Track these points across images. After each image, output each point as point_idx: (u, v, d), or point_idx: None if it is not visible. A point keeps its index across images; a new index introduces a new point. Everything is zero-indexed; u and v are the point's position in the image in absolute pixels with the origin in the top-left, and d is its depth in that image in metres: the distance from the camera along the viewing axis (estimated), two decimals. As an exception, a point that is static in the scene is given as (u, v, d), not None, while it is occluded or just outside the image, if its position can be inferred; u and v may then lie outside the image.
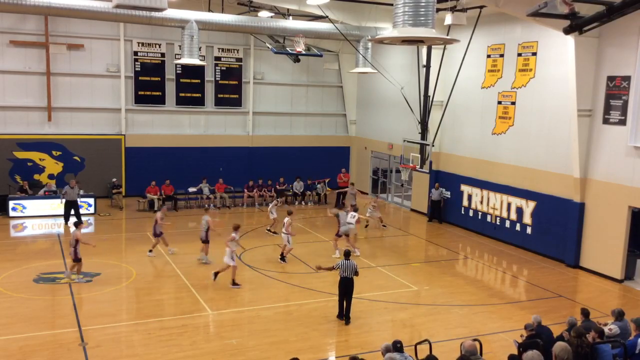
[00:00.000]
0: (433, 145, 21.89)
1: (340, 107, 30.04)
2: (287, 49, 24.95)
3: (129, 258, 17.64)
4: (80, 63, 24.65)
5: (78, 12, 18.98)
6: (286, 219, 17.32)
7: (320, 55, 25.61)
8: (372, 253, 18.98)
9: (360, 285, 14.76)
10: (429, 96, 21.94)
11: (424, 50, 22.40)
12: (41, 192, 22.92)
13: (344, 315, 13.03)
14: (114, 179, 24.81)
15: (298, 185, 26.65)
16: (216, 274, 15.36)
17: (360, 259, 17.73)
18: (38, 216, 21.88)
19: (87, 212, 22.61)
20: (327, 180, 27.32)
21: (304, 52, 24.73)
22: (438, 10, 16.09)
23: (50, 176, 24.42)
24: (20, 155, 24.00)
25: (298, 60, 27.32)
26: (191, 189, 25.08)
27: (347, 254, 13.26)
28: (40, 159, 24.38)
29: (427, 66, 22.21)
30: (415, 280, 16.15)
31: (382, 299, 14.60)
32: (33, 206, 22.03)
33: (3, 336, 11.78)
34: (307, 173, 26.88)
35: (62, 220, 21.45)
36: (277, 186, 26.46)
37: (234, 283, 15.07)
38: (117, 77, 25.37)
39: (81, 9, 18.36)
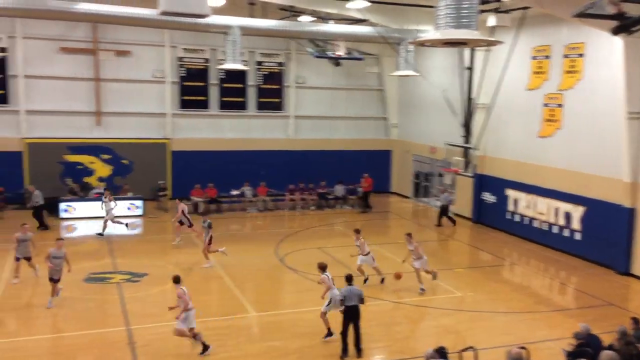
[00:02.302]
0: (477, 149, 21.58)
1: (381, 110, 29.94)
2: (328, 53, 25.05)
3: (175, 259, 17.97)
4: (127, 69, 25.30)
5: (125, 19, 19.55)
6: (358, 240, 15.83)
7: (361, 59, 25.62)
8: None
9: (403, 290, 14.71)
10: (472, 98, 21.66)
11: (466, 52, 22.14)
12: (91, 194, 23.59)
13: (356, 347, 11.41)
14: (161, 182, 25.34)
15: (339, 189, 26.66)
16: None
17: (397, 262, 17.60)
18: (88, 218, 22.51)
19: (135, 213, 23.15)
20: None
21: (344, 56, 24.81)
22: (481, 11, 15.90)
23: (100, 179, 25.11)
24: (71, 158, 24.77)
25: (339, 64, 27.37)
26: (234, 192, 25.42)
27: (349, 279, 11.71)
28: (90, 162, 25.12)
29: (470, 68, 21.95)
30: (459, 286, 15.93)
31: (425, 304, 14.47)
32: (83, 208, 22.70)
33: (55, 334, 12.19)
34: (348, 176, 26.78)
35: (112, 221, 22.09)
36: (319, 190, 26.54)
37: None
38: (162, 82, 25.94)
39: (128, 16, 18.87)
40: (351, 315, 11.35)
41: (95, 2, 18.63)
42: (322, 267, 12.32)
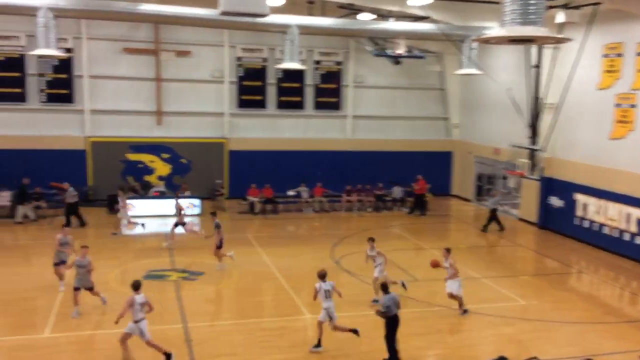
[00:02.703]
0: (544, 150, 20.66)
1: (442, 110, 29.23)
2: (388, 51, 24.61)
3: (230, 259, 17.96)
4: (187, 69, 25.65)
5: (186, 20, 19.74)
6: (373, 250, 14.77)
7: (422, 57, 25.05)
8: (476, 264, 18.15)
9: (464, 296, 14.14)
10: (539, 98, 20.75)
11: (534, 49, 21.25)
12: (151, 192, 24.02)
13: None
14: (218, 181, 25.56)
15: (397, 191, 26.15)
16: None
17: (464, 270, 16.97)
18: (147, 216, 22.90)
19: (192, 212, 23.41)
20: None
21: (404, 54, 24.31)
22: (549, 7, 15.14)
23: (160, 177, 25.56)
24: (132, 157, 25.32)
25: (398, 63, 26.88)
26: (290, 192, 25.34)
27: (385, 288, 11.22)
28: (150, 161, 25.60)
29: (538, 66, 21.05)
30: (523, 294, 15.22)
31: (486, 312, 13.86)
32: (143, 206, 23.11)
33: (115, 329, 12.30)
34: (406, 178, 26.18)
35: (173, 219, 22.37)
36: (376, 191, 26.12)
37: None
38: (221, 82, 26.16)
39: (189, 16, 19.03)
40: (396, 323, 11.02)
41: (157, 3, 18.90)
42: (321, 276, 11.65)
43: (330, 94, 27.63)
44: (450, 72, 26.83)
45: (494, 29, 20.54)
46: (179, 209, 19.13)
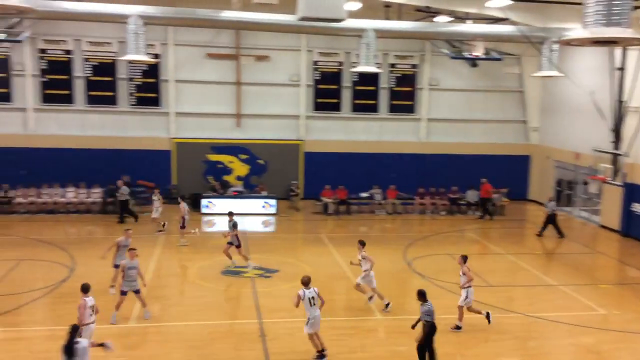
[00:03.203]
0: (627, 155, 19.81)
1: (520, 113, 28.53)
2: (464, 53, 24.31)
3: (305, 257, 18.42)
4: (265, 73, 26.42)
5: (265, 26, 20.37)
6: (360, 253, 14.23)
7: (500, 59, 24.59)
8: (553, 270, 17.71)
9: (539, 303, 13.91)
10: (624, 101, 19.92)
11: (618, 51, 20.41)
12: (230, 191, 24.94)
13: None
14: (293, 182, 26.15)
15: (472, 195, 25.78)
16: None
17: (539, 276, 16.63)
18: (226, 214, 23.73)
19: (269, 212, 24.10)
20: (504, 191, 26.06)
21: (482, 57, 23.94)
22: (635, 7, 14.56)
23: (238, 177, 26.45)
24: (213, 157, 26.35)
25: (475, 65, 26.51)
26: (363, 194, 25.56)
27: (423, 295, 10.88)
28: (229, 162, 26.55)
29: (622, 69, 20.21)
30: (603, 303, 14.70)
31: (563, 320, 13.52)
32: (222, 204, 24.03)
33: (195, 321, 12.99)
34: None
35: (250, 218, 23.20)
36: (450, 195, 25.88)
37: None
38: (297, 85, 26.75)
39: (268, 22, 19.64)
40: (434, 331, 10.73)
41: (238, 10, 19.66)
42: (304, 282, 11.21)
43: (405, 96, 27.62)
44: (529, 75, 26.15)
45: (576, 31, 19.91)
46: (182, 211, 19.22)
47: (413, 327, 11.08)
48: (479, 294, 15.08)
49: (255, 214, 23.91)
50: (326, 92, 27.01)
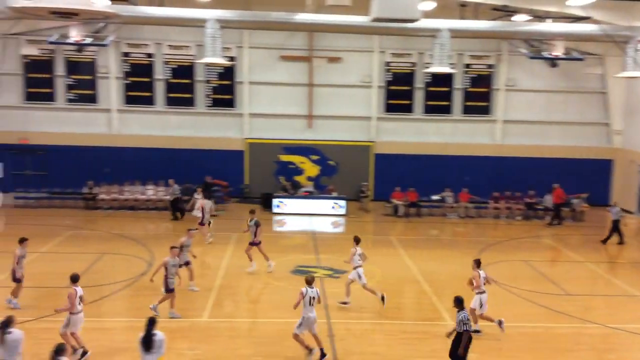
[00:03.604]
0: None
1: (601, 115, 27.23)
2: (543, 53, 23.45)
3: (373, 259, 18.30)
4: (337, 74, 26.53)
5: (338, 27, 20.54)
6: (354, 248, 14.16)
7: (581, 59, 23.52)
8: (637, 280, 16.77)
9: (620, 314, 13.24)
10: None
11: None
12: (300, 192, 25.22)
13: None
14: (364, 183, 26.11)
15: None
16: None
17: (620, 286, 15.79)
18: (296, 214, 24.09)
19: (338, 213, 24.18)
20: (584, 196, 24.94)
21: (562, 56, 23.03)
22: None
23: (309, 178, 26.71)
24: (285, 158, 26.73)
25: (555, 65, 25.47)
26: (434, 197, 25.18)
27: (461, 302, 10.39)
28: (300, 162, 26.86)
29: None
30: (692, 317, 13.83)
31: (646, 333, 12.83)
32: (293, 204, 24.36)
33: (266, 319, 13.25)
34: (562, 187, 24.64)
35: (319, 218, 23.44)
36: (526, 199, 25.03)
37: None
38: (369, 87, 26.70)
39: (341, 24, 19.76)
40: (470, 340, 10.22)
41: (312, 12, 19.86)
42: (308, 281, 11.22)
43: (480, 97, 26.99)
44: (613, 75, 24.92)
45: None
46: (201, 207, 19.22)
47: (448, 335, 10.77)
48: (555, 302, 14.56)
49: (324, 214, 24.06)
50: (398, 94, 26.81)
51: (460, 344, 10.13)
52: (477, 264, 12.76)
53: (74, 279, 11.02)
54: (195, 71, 26.07)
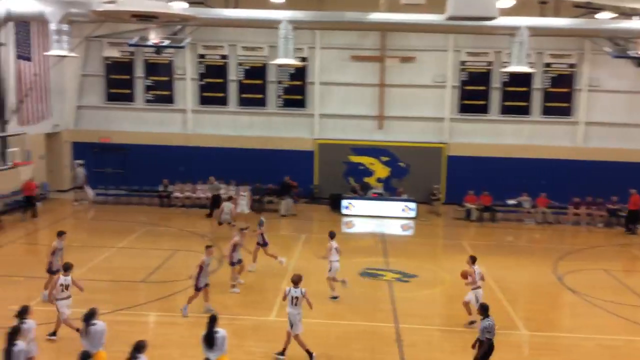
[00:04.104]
0: None
1: (695, 117, 25.42)
2: (630, 52, 22.12)
3: (444, 264, 17.90)
4: (410, 74, 26.09)
5: (412, 27, 20.17)
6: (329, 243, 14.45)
7: (672, 58, 22.04)
8: None
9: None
10: None
11: None
12: (369, 193, 24.98)
13: None
14: (435, 186, 25.55)
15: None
16: None
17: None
18: (366, 216, 23.87)
19: (408, 215, 23.78)
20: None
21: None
22: None
23: (378, 179, 26.43)
24: (354, 159, 26.58)
25: (643, 64, 24.00)
26: (510, 201, 24.28)
27: (486, 310, 10.13)
28: (370, 164, 26.62)
29: None
30: None
31: None
32: (362, 206, 24.15)
33: (330, 320, 13.13)
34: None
35: (389, 221, 23.15)
36: (609, 205, 23.69)
37: None
38: (442, 87, 26.11)
39: (415, 23, 19.36)
40: (492, 349, 9.92)
41: (385, 12, 19.59)
42: (294, 281, 11.22)
43: (560, 98, 25.81)
44: None
45: None
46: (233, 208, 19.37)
47: (473, 346, 10.23)
48: (638, 314, 13.70)
49: (394, 217, 23.72)
50: (473, 94, 26.08)
51: (479, 352, 9.85)
52: (473, 260, 12.98)
53: (65, 268, 11.52)
54: (268, 72, 26.37)
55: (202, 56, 26.45)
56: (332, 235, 14.68)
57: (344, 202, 24.27)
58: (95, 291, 14.68)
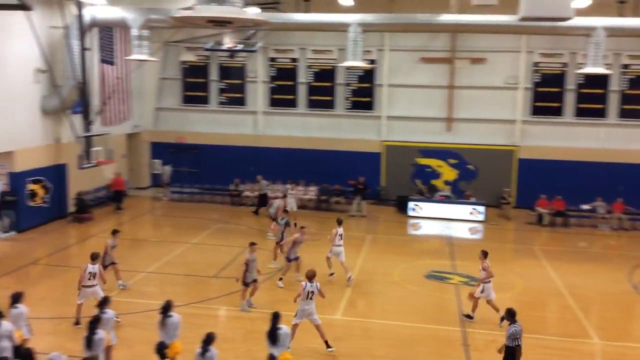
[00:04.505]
0: None
1: None
2: None
3: (514, 269, 17.58)
4: (480, 76, 25.70)
5: (484, 28, 19.91)
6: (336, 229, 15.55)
7: None
8: None
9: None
10: None
11: None
12: (437, 196, 24.81)
13: None
14: (505, 189, 25.06)
15: None
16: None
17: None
18: (432, 218, 23.73)
19: (476, 219, 23.47)
20: None
21: None
22: None
23: (446, 182, 26.19)
24: (421, 161, 26.45)
25: None
26: (584, 207, 23.49)
27: (512, 315, 10.04)
28: (437, 166, 26.41)
29: None
30: None
31: None
32: (429, 208, 24.02)
33: (396, 322, 13.22)
34: None
35: (456, 224, 23.01)
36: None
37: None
38: (514, 88, 25.58)
39: (487, 23, 19.13)
40: (519, 356, 9.84)
41: (456, 13, 19.45)
42: (309, 277, 11.48)
43: (639, 100, 24.74)
44: None
45: None
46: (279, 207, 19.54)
47: (499, 351, 10.08)
48: None
49: (462, 220, 23.46)
50: (547, 96, 25.39)
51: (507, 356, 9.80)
52: (485, 255, 13.36)
53: (92, 258, 12.33)
54: (336, 74, 26.67)
55: (273, 59, 27.08)
56: (339, 222, 15.78)
57: (411, 204, 24.21)
58: (171, 284, 15.49)
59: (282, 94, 27.18)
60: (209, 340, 8.86)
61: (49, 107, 20.60)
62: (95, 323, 9.23)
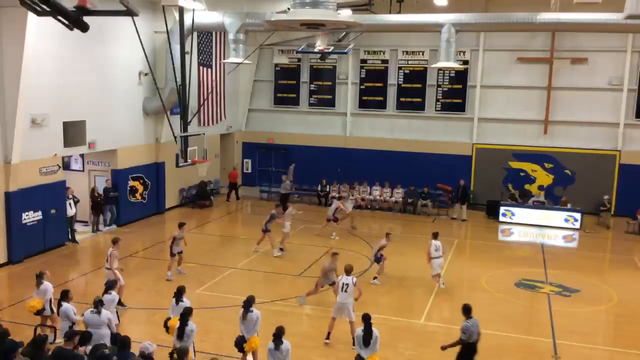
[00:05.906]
0: None
1: None
2: None
3: (611, 279, 16.64)
4: (580, 77, 24.45)
5: (586, 26, 18.91)
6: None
7: None
8: None
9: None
10: None
11: None
12: (530, 201, 23.88)
13: None
14: (605, 197, 23.71)
15: None
16: None
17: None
18: (525, 224, 22.87)
19: (572, 226, 22.39)
20: None
21: None
22: None
23: (540, 187, 25.12)
24: (514, 165, 25.54)
25: None
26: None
27: (468, 311, 10.08)
28: (532, 170, 25.40)
29: None
30: None
31: None
32: (521, 214, 23.17)
33: (484, 330, 12.81)
34: None
35: (550, 231, 22.21)
36: None
37: None
38: (619, 90, 24.13)
39: (590, 22, 18.16)
40: (474, 352, 9.91)
41: (556, 11, 18.62)
42: (347, 270, 12.01)
43: None
44: None
45: None
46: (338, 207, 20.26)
47: (444, 348, 10.20)
48: None
49: (556, 227, 22.46)
50: (655, 97, 23.78)
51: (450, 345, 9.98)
52: (434, 236, 15.15)
53: (114, 242, 13.50)
54: (427, 75, 26.33)
55: (364, 61, 27.14)
56: (435, 235, 15.55)
57: (502, 209, 23.46)
58: (256, 281, 15.93)
59: (371, 95, 27.18)
60: (279, 334, 9.15)
61: (150, 109, 21.81)
62: (187, 315, 9.69)
